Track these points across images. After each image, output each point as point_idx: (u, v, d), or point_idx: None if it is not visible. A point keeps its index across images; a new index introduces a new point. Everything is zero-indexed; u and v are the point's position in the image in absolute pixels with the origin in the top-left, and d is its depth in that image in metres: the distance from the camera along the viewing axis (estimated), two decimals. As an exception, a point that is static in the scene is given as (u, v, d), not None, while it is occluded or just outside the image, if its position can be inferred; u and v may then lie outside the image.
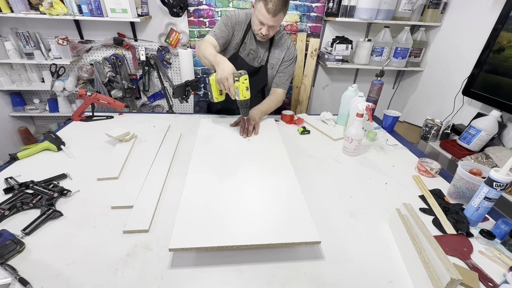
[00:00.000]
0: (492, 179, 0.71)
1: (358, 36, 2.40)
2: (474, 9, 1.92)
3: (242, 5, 2.26)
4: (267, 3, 1.08)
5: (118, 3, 1.93)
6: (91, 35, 2.26)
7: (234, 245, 0.63)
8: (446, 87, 2.11)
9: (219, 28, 1.23)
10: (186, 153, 1.08)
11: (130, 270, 0.62)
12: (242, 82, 0.98)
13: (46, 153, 1.05)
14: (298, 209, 0.75)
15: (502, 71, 1.59)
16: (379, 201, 0.89)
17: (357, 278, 0.64)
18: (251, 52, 1.33)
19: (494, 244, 0.73)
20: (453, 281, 0.53)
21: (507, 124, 1.64)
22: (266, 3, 1.08)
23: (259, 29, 1.18)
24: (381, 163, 1.10)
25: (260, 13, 1.12)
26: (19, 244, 0.65)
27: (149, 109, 2.63)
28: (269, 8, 1.09)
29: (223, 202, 0.77)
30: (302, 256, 0.68)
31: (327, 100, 2.78)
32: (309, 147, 1.19)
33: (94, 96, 1.29)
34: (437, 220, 0.80)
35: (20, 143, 2.45)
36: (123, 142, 1.13)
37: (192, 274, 0.63)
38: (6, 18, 2.02)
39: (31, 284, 0.57)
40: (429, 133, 1.82)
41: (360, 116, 1.07)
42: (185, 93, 1.33)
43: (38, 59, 2.10)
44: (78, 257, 0.65)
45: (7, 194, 0.82)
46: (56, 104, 2.39)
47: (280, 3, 1.09)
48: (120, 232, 0.72)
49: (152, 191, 0.86)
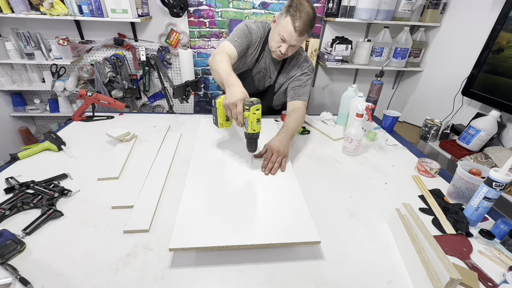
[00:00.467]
0: (492, 179, 0.72)
1: (357, 36, 2.40)
2: (473, 9, 1.93)
3: (242, 5, 2.26)
4: (295, 20, 1.00)
5: (118, 4, 1.93)
6: (92, 36, 2.26)
7: (234, 245, 0.63)
8: (445, 87, 2.11)
9: (239, 38, 1.12)
10: (186, 153, 1.08)
11: (130, 270, 0.63)
12: (253, 113, 0.82)
13: (46, 153, 1.05)
14: (298, 209, 0.75)
15: (501, 71, 1.59)
16: (379, 201, 0.89)
17: (357, 278, 0.64)
18: (262, 71, 1.26)
19: (493, 244, 0.73)
20: (452, 281, 0.53)
21: (506, 124, 1.65)
22: (294, 20, 1.00)
23: (278, 46, 1.10)
24: (381, 163, 1.10)
25: (285, 29, 1.03)
26: (19, 244, 0.65)
27: (149, 109, 2.64)
28: (296, 26, 1.01)
29: (223, 202, 0.77)
30: (302, 256, 0.68)
31: (327, 100, 2.79)
32: (309, 147, 1.20)
33: (94, 96, 1.29)
34: (437, 220, 0.81)
35: (21, 143, 2.46)
36: (124, 142, 1.13)
37: (192, 274, 0.63)
38: (6, 18, 2.02)
39: (32, 284, 0.57)
40: (428, 133, 1.82)
41: (360, 116, 1.07)
42: (185, 93, 1.34)
43: (38, 59, 2.11)
44: (78, 257, 0.65)
45: (7, 194, 0.82)
46: (56, 104, 2.39)
47: (308, 23, 1.02)
48: (120, 232, 0.72)
49: (152, 191, 0.86)
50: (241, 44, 1.12)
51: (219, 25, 2.33)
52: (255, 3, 2.27)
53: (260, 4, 2.28)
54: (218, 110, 0.93)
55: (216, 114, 0.97)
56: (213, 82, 2.59)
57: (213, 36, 2.37)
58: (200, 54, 2.45)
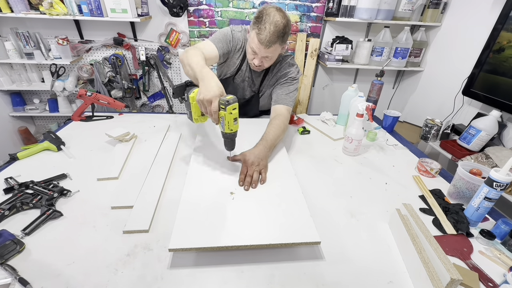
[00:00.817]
0: (492, 179, 0.71)
1: (358, 36, 2.40)
2: (474, 9, 1.92)
3: (242, 5, 2.26)
4: (260, 33, 0.97)
5: (118, 3, 1.93)
6: (91, 35, 2.26)
7: (234, 245, 0.63)
8: (446, 87, 2.11)
9: (220, 41, 1.10)
10: (186, 153, 1.08)
11: (130, 270, 0.62)
12: (230, 113, 0.77)
13: (46, 153, 1.05)
14: (298, 209, 0.75)
15: (502, 71, 1.59)
16: (379, 201, 0.89)
17: (357, 278, 0.64)
18: (246, 80, 1.23)
19: (494, 244, 0.73)
20: (453, 281, 0.53)
21: (507, 124, 1.64)
22: (259, 33, 0.97)
23: (252, 58, 1.08)
24: (381, 163, 1.10)
25: (253, 42, 1.01)
26: (19, 245, 0.65)
27: (149, 109, 2.63)
28: (261, 38, 0.97)
29: (223, 202, 0.77)
30: (302, 256, 0.68)
31: (327, 100, 2.78)
32: (309, 147, 1.19)
33: (94, 96, 1.29)
34: (437, 220, 0.80)
35: (20, 143, 2.45)
36: (123, 142, 1.13)
37: (192, 274, 0.62)
38: (6, 18, 2.02)
39: (31, 284, 0.57)
40: (429, 133, 1.82)
41: (360, 116, 1.07)
42: (185, 93, 1.33)
43: (38, 59, 2.10)
44: (78, 257, 0.65)
45: (7, 194, 0.82)
46: (56, 104, 2.39)
47: (275, 34, 0.97)
48: (120, 232, 0.72)
49: (152, 191, 0.85)
50: (221, 45, 1.10)
51: (219, 25, 2.33)
52: (255, 3, 2.27)
53: (260, 4, 2.28)
54: (192, 105, 0.87)
55: (190, 109, 0.90)
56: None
57: (213, 35, 2.37)
58: (200, 54, 2.44)
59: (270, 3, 2.27)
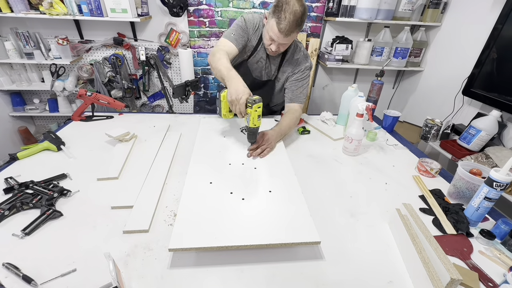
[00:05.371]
0: (492, 179, 0.71)
1: (358, 36, 2.40)
2: (474, 9, 1.92)
3: (242, 4, 2.26)
4: (280, 22, 0.99)
5: (118, 3, 1.93)
6: (91, 35, 2.26)
7: (234, 245, 0.63)
8: (446, 87, 2.11)
9: (236, 31, 1.13)
10: (186, 153, 1.08)
11: (130, 270, 0.62)
12: (255, 110, 0.91)
13: (46, 153, 1.05)
14: (298, 209, 0.75)
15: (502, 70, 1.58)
16: (379, 201, 0.89)
17: (357, 278, 0.64)
18: (260, 61, 1.24)
19: (494, 244, 0.73)
20: (453, 281, 0.53)
21: (507, 124, 1.64)
22: (279, 22, 0.99)
23: (269, 44, 1.11)
24: (381, 163, 1.10)
25: (272, 30, 1.03)
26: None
27: (149, 109, 2.63)
28: (281, 28, 1.00)
29: (223, 202, 0.77)
30: (302, 256, 0.68)
31: (327, 100, 2.78)
32: (309, 147, 1.19)
33: (94, 96, 1.29)
34: (437, 220, 0.80)
35: (20, 143, 2.45)
36: (123, 142, 1.13)
37: (192, 274, 0.62)
38: (6, 18, 2.01)
39: (35, 281, 0.57)
40: (429, 133, 1.82)
41: (360, 116, 1.07)
42: (185, 93, 1.33)
43: (38, 59, 2.10)
44: (78, 257, 0.65)
45: (7, 194, 0.82)
46: (56, 104, 2.39)
47: (294, 24, 0.99)
48: (120, 232, 0.72)
49: (152, 191, 0.85)
50: (239, 37, 1.13)
51: (219, 25, 2.33)
52: (255, 3, 2.27)
53: (260, 4, 2.27)
54: (222, 102, 1.03)
55: (220, 106, 1.07)
56: (213, 82, 2.58)
57: (213, 35, 2.37)
58: (200, 54, 2.44)
59: (270, 3, 2.27)
